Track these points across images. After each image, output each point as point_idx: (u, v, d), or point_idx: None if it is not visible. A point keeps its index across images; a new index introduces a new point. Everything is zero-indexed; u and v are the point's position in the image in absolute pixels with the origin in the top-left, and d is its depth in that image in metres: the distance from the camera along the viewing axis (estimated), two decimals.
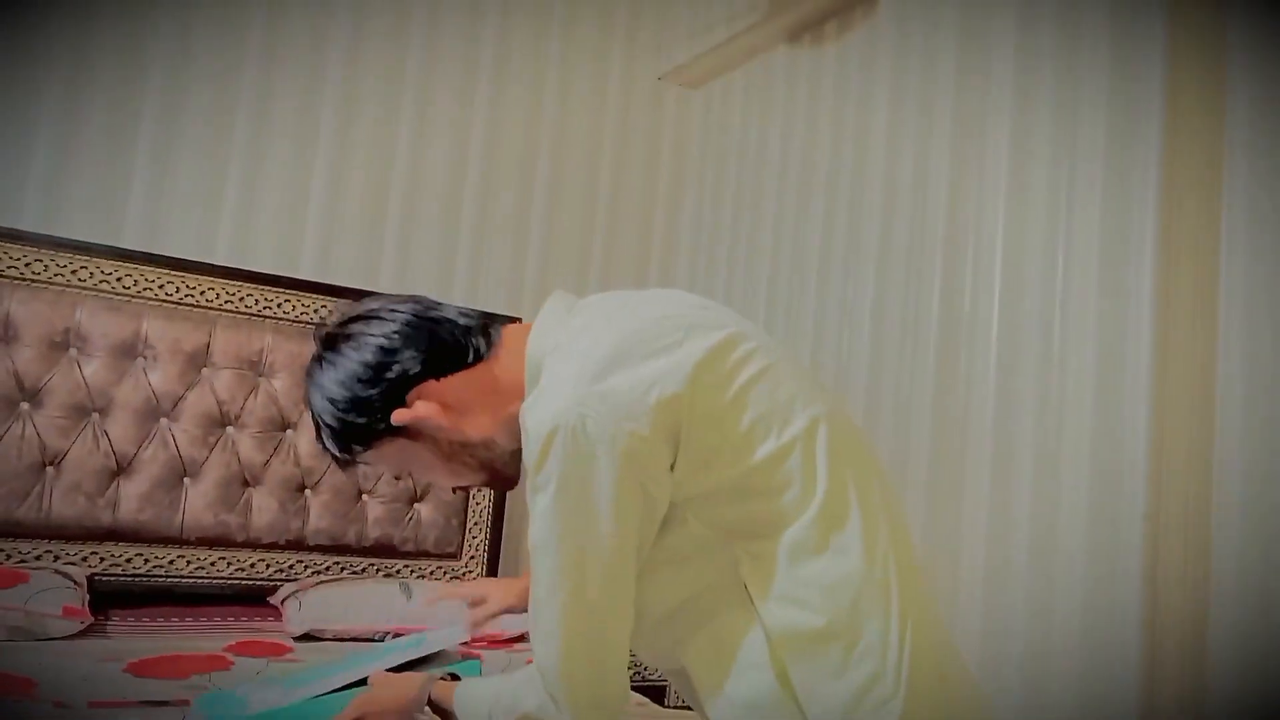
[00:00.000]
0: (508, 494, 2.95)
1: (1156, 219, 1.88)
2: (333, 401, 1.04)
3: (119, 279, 2.45)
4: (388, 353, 1.03)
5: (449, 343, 1.05)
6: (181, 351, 2.49)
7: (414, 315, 1.06)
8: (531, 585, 0.96)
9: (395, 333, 1.04)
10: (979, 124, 2.30)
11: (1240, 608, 1.76)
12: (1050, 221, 2.10)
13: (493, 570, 2.87)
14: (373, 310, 1.07)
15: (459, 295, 2.97)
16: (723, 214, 3.26)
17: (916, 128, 2.49)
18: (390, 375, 1.02)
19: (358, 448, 1.07)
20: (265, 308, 2.63)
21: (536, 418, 0.92)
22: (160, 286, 2.50)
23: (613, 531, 0.92)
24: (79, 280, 2.41)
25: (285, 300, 2.66)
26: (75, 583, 2.17)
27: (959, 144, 2.35)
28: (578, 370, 0.94)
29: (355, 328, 1.06)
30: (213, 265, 2.60)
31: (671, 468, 0.94)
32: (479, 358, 1.06)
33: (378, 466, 1.11)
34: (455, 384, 1.04)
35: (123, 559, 2.39)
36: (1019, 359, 2.13)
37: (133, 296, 2.47)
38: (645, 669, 2.70)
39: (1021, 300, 2.14)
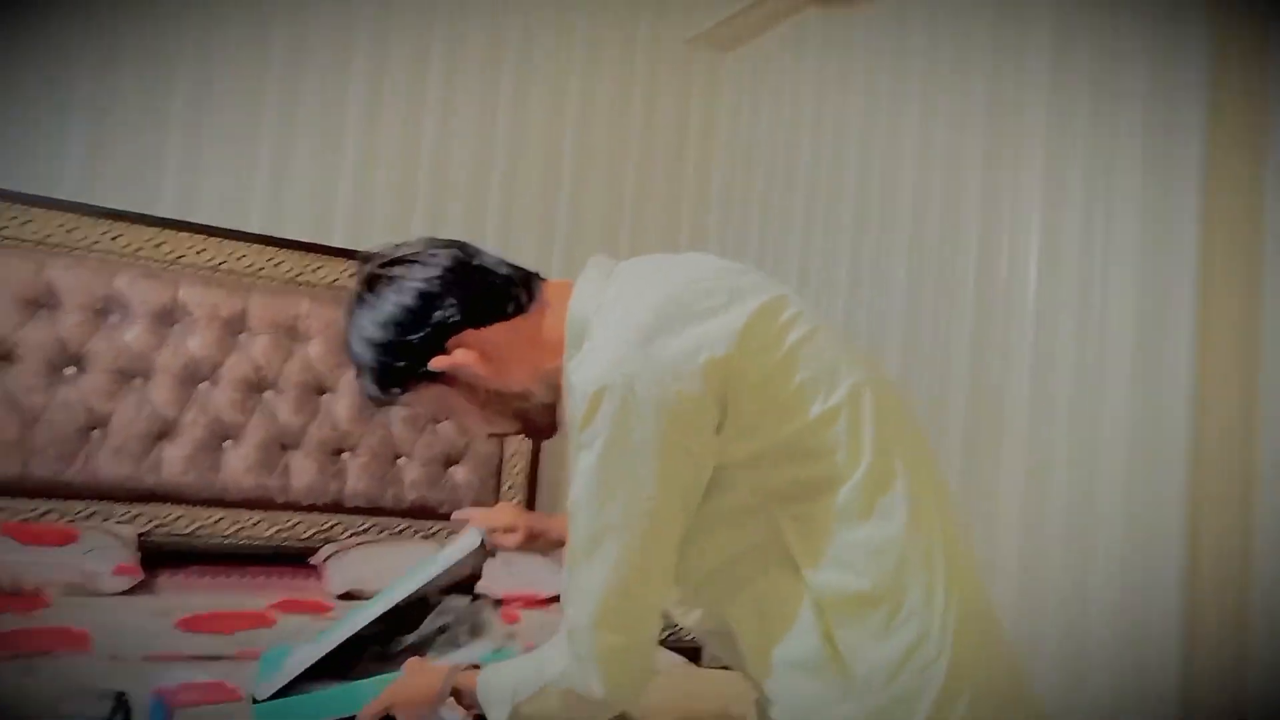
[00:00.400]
0: (542, 456, 2.98)
1: (1200, 194, 1.85)
2: (372, 344, 1.05)
3: (156, 246, 2.49)
4: (429, 299, 1.03)
5: (490, 293, 1.05)
6: (219, 317, 2.53)
7: (455, 262, 1.06)
8: (570, 543, 0.96)
9: (437, 278, 1.04)
10: (1016, 89, 2.26)
11: None
12: (1089, 192, 2.06)
13: None
14: (414, 253, 1.07)
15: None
16: (754, 178, 3.24)
17: (951, 91, 2.45)
18: (431, 322, 1.02)
19: (395, 390, 1.07)
20: (299, 274, 2.66)
21: (584, 376, 0.92)
22: (197, 253, 2.54)
23: (656, 494, 0.91)
24: (118, 248, 2.45)
25: (319, 266, 2.69)
26: (124, 541, 2.23)
27: (994, 109, 2.32)
28: (626, 332, 0.94)
29: (397, 270, 1.05)
30: (247, 233, 2.63)
31: (718, 431, 0.94)
32: (519, 310, 1.06)
33: (415, 408, 1.11)
34: (494, 334, 1.04)
35: (168, 519, 2.45)
36: (1058, 324, 2.11)
37: (170, 263, 2.50)
38: (681, 630, 2.73)
39: (1059, 266, 2.12)
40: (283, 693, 1.21)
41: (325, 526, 2.64)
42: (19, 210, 2.34)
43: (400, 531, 2.73)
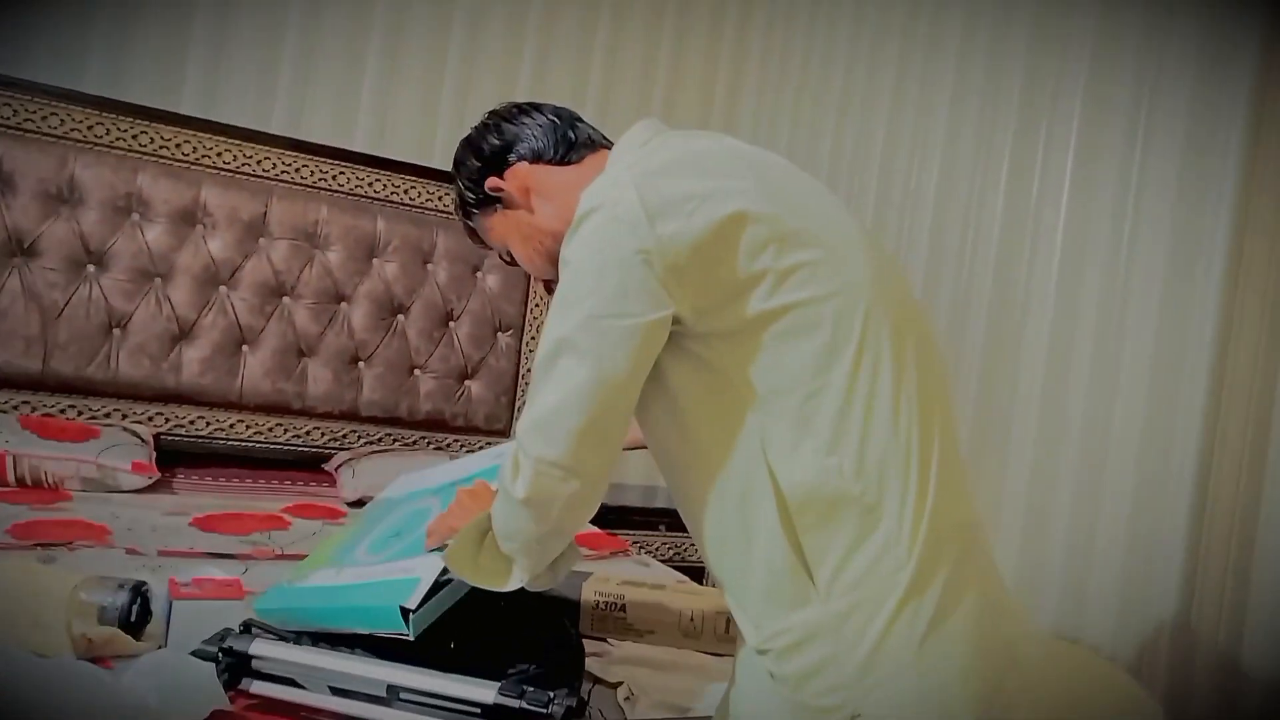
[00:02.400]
0: None
1: (1232, 202, 1.81)
2: (454, 167, 1.23)
3: (178, 145, 2.47)
4: (497, 131, 1.18)
5: (548, 135, 1.16)
6: (239, 220, 2.52)
7: (530, 107, 1.20)
8: (537, 351, 0.97)
9: (509, 116, 1.19)
10: (1053, 81, 2.19)
11: None
12: (1120, 189, 2.02)
13: None
14: (529, 104, 1.21)
15: None
16: (777, 144, 3.12)
17: (986, 71, 2.37)
18: (490, 148, 1.17)
19: (474, 211, 1.22)
20: (320, 180, 2.64)
21: (584, 198, 0.96)
22: (218, 154, 2.52)
23: (616, 319, 0.91)
24: (139, 145, 2.43)
25: (340, 173, 2.67)
26: (142, 440, 2.27)
27: (1028, 92, 2.24)
28: (632, 165, 0.98)
29: (502, 110, 1.21)
30: (270, 135, 2.60)
31: (699, 290, 0.91)
32: (568, 159, 1.15)
33: (486, 239, 1.24)
34: (542, 173, 1.15)
35: (186, 420, 2.49)
36: (1076, 319, 2.10)
37: (191, 164, 2.48)
38: (685, 550, 2.78)
39: (1082, 262, 2.09)
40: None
41: (340, 434, 2.67)
42: (42, 104, 2.32)
43: (413, 443, 2.76)
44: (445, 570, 1.11)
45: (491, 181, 1.17)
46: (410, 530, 1.32)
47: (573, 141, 1.16)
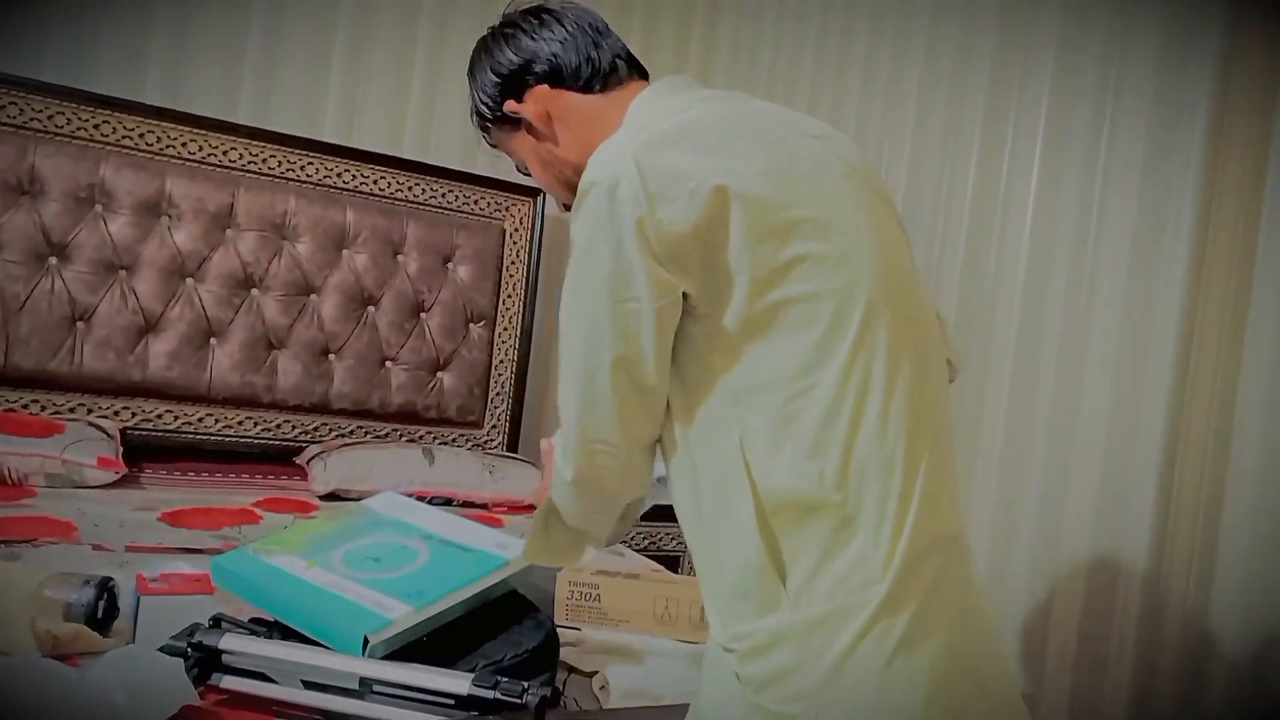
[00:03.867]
0: (530, 366, 2.98)
1: (1196, 189, 1.85)
2: (469, 74, 1.16)
3: (141, 135, 2.43)
4: (514, 45, 1.11)
5: (570, 54, 1.10)
6: (205, 211, 2.48)
7: (573, 27, 1.12)
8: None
9: (534, 32, 1.11)
10: (1020, 69, 2.21)
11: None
12: (1086, 178, 2.04)
13: (514, 440, 2.93)
14: (550, 11, 1.13)
15: (483, 164, 2.93)
16: None
17: (953, 74, 2.39)
18: (509, 65, 1.11)
19: (489, 125, 1.16)
20: (288, 170, 2.61)
21: (587, 169, 0.92)
22: (183, 144, 2.48)
23: (627, 310, 0.89)
24: (101, 135, 2.39)
25: (309, 163, 2.64)
26: (108, 435, 2.23)
27: (997, 79, 2.26)
28: (635, 133, 0.93)
29: (511, 24, 1.14)
30: (236, 125, 2.56)
31: (694, 275, 0.89)
32: (592, 88, 1.09)
33: (501, 149, 1.19)
34: (565, 100, 1.09)
35: (153, 415, 2.45)
36: (1045, 306, 2.12)
37: (156, 154, 2.44)
38: (660, 540, 2.78)
39: (1051, 249, 2.12)
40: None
41: (311, 427, 2.64)
42: (1, 93, 2.27)
43: (385, 435, 2.74)
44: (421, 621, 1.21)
45: (510, 105, 1.11)
46: (392, 563, 1.34)
47: (597, 66, 1.09)
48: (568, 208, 1.05)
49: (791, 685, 0.86)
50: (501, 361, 2.90)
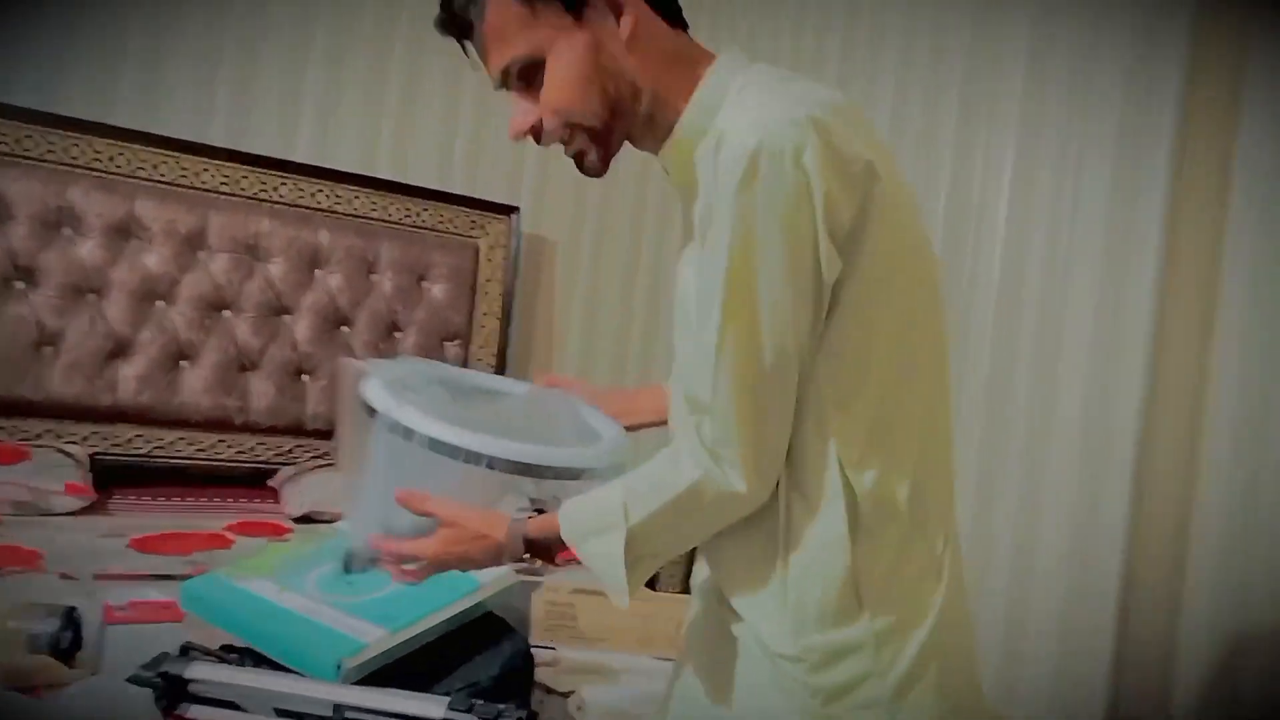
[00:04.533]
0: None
1: (1166, 182, 1.87)
2: None
3: (110, 158, 2.41)
4: None
5: None
6: (176, 234, 2.46)
7: None
8: (700, 317, 0.87)
9: None
10: (992, 71, 2.22)
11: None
12: (1058, 179, 2.07)
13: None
14: None
15: (458, 183, 2.92)
16: None
17: (926, 73, 2.40)
18: None
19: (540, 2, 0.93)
20: (261, 191, 2.59)
21: (741, 126, 0.82)
22: (154, 167, 2.46)
23: (793, 282, 0.82)
24: (70, 158, 2.36)
25: (282, 184, 2.62)
26: (77, 461, 2.20)
27: (968, 98, 2.28)
28: (799, 98, 0.84)
29: None
30: (208, 146, 2.55)
31: (845, 259, 0.84)
32: (676, 23, 0.97)
33: (513, 37, 0.94)
34: (654, 24, 0.95)
35: (124, 439, 2.42)
36: (1020, 299, 2.13)
37: (126, 176, 2.42)
38: None
39: (1025, 241, 2.14)
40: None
41: (285, 449, 2.61)
42: None
43: None
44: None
45: None
46: (366, 586, 1.30)
47: (676, 7, 0.98)
48: (590, 132, 0.96)
49: (863, 694, 0.88)
50: (477, 364, 2.89)
